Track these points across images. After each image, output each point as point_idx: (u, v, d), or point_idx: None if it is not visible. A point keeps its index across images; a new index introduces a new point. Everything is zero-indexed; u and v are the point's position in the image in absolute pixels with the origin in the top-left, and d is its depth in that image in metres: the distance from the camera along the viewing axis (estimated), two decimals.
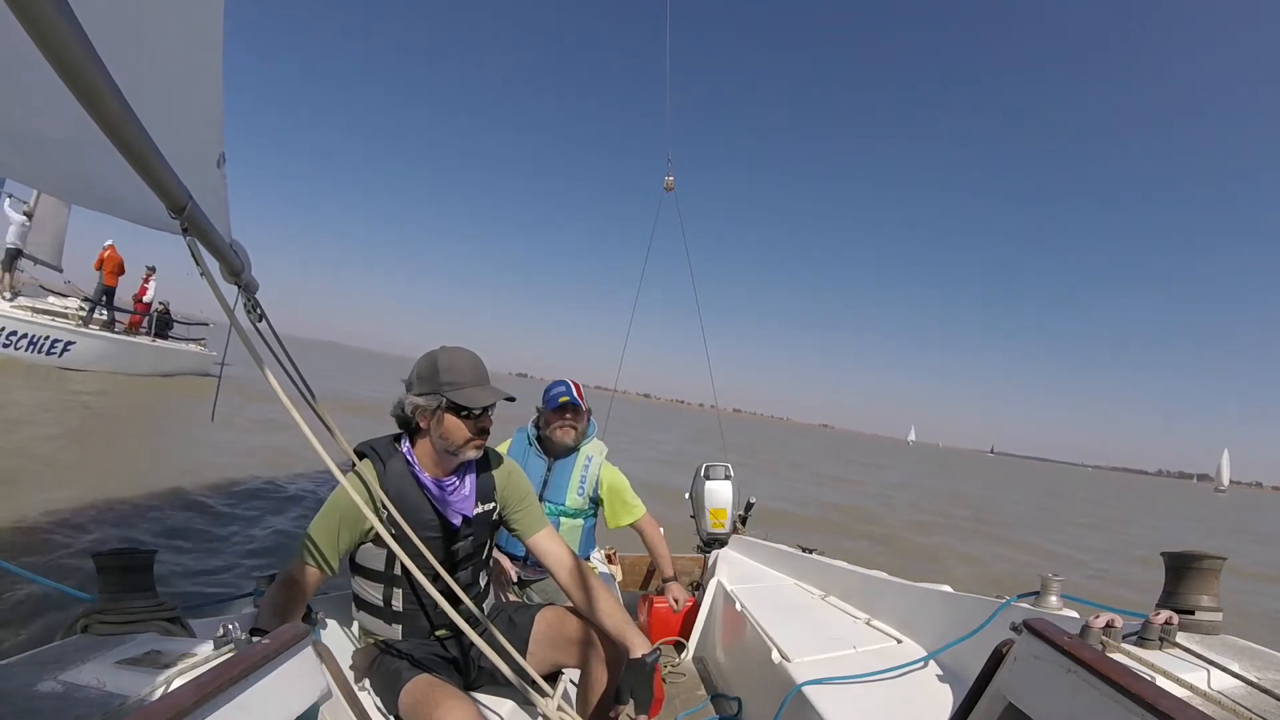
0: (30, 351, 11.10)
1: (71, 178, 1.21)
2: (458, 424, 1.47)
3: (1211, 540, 15.43)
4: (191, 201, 1.04)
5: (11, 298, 11.27)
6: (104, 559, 1.17)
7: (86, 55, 0.63)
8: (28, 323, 11.00)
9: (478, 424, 1.49)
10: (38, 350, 11.18)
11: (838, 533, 8.83)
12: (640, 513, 2.58)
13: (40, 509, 4.52)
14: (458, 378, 1.47)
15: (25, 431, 6.94)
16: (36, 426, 7.27)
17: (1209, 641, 1.19)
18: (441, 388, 1.46)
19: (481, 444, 1.52)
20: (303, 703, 0.98)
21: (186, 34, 1.19)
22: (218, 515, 5.31)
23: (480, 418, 1.49)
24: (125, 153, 0.81)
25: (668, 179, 4.31)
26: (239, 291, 1.42)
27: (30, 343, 11.07)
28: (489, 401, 1.47)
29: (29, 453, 6.12)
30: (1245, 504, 53.87)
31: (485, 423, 1.51)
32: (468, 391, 1.46)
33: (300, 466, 7.38)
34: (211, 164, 1.38)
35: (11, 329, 10.78)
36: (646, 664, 1.40)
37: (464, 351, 1.53)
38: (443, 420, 1.47)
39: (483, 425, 1.50)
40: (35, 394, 9.62)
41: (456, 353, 1.51)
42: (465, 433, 1.47)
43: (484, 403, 1.46)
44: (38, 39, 0.58)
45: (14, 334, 10.80)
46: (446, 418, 1.46)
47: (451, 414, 1.46)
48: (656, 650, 1.45)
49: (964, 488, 19.04)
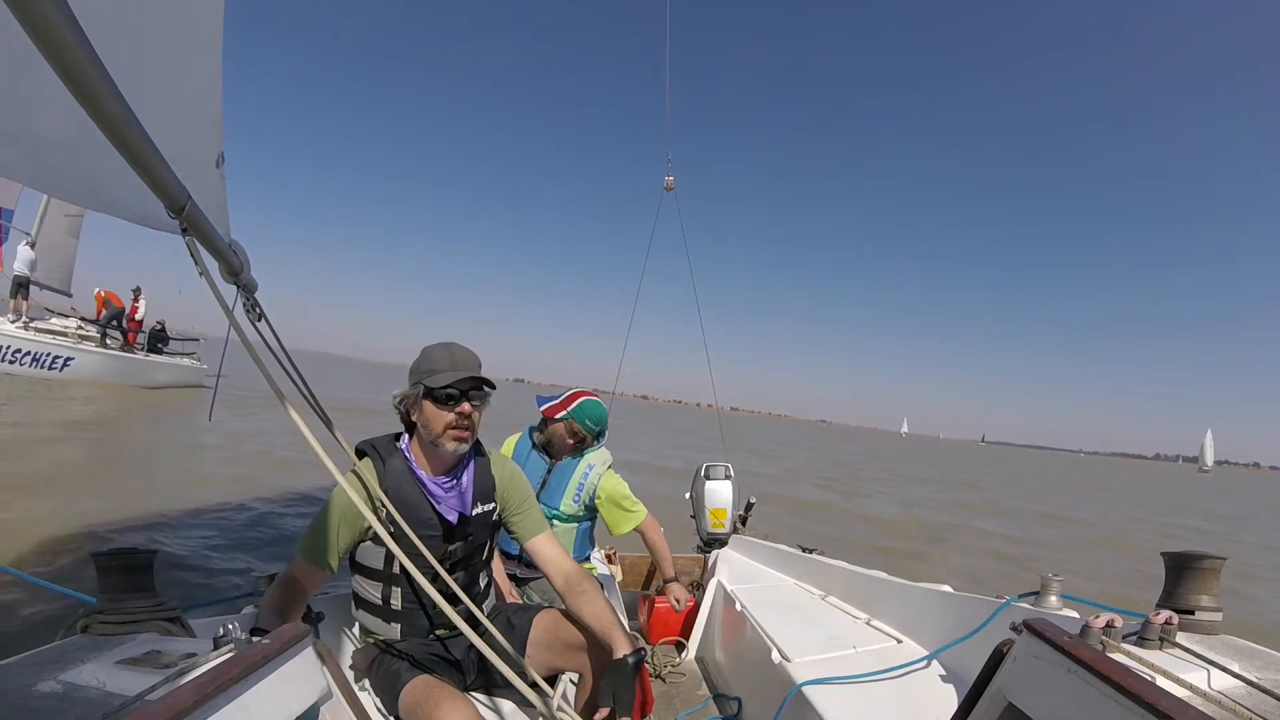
0: (33, 367, 12.18)
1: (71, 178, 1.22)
2: (435, 411, 1.46)
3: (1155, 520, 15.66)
4: (191, 201, 1.04)
5: (25, 325, 12.35)
6: (104, 559, 1.17)
7: (86, 55, 0.63)
8: (31, 340, 12.12)
9: (455, 409, 1.46)
10: (40, 365, 12.24)
11: (838, 533, 8.84)
12: (641, 517, 2.54)
13: (41, 510, 4.53)
14: (435, 365, 1.48)
15: (27, 439, 6.95)
16: (37, 433, 7.28)
17: (1209, 641, 1.19)
18: (421, 376, 1.48)
19: (462, 435, 1.48)
20: (303, 703, 0.98)
21: (186, 34, 1.19)
22: (217, 515, 5.31)
23: (457, 403, 1.46)
24: (125, 153, 0.81)
25: (667, 179, 4.31)
26: (238, 291, 1.42)
27: (34, 359, 12.17)
28: (454, 378, 1.45)
29: (30, 456, 6.13)
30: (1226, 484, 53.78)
31: (464, 409, 1.47)
32: (440, 375, 1.46)
33: (300, 466, 7.38)
34: (210, 164, 1.38)
35: (16, 347, 11.91)
36: (628, 664, 1.37)
37: (450, 344, 1.53)
38: (423, 409, 1.48)
39: (460, 412, 1.46)
40: (37, 404, 9.94)
41: (441, 345, 1.52)
42: (443, 420, 1.46)
43: (445, 381, 1.44)
44: (37, 39, 0.58)
45: (18, 351, 11.97)
46: (425, 405, 1.47)
47: (429, 401, 1.46)
48: (640, 651, 1.42)
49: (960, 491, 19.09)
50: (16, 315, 12.43)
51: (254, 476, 6.82)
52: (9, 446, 6.38)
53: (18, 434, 7.03)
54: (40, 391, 11.24)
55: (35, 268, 13.16)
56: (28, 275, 12.90)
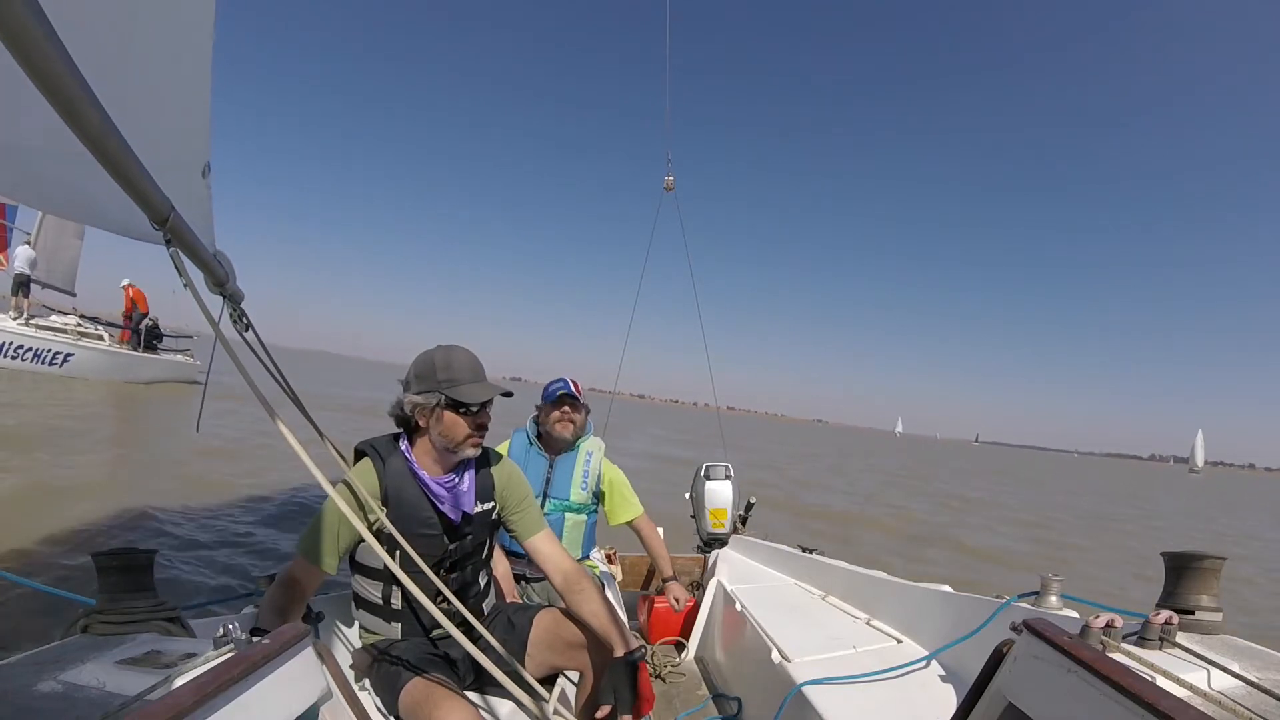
0: (34, 362, 12.53)
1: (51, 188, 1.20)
2: (456, 420, 1.48)
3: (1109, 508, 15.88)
4: (174, 213, 1.02)
5: (25, 320, 12.67)
6: (103, 559, 1.17)
7: (66, 68, 0.62)
8: (32, 337, 12.45)
9: (476, 420, 1.50)
10: (41, 361, 12.60)
11: (840, 532, 8.84)
12: (639, 511, 2.62)
13: (41, 510, 4.52)
14: (456, 375, 1.48)
15: (26, 436, 6.94)
16: (36, 431, 7.28)
17: (1209, 641, 1.19)
18: (440, 385, 1.47)
19: (479, 441, 1.53)
20: (303, 703, 0.98)
21: (175, 41, 1.18)
22: (217, 515, 5.31)
23: (478, 414, 1.50)
24: (106, 166, 0.79)
25: (667, 179, 4.30)
26: (224, 302, 1.41)
27: (35, 355, 12.52)
28: (486, 397, 1.49)
29: (31, 455, 6.13)
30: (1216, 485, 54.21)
31: (483, 419, 1.52)
32: (466, 388, 1.47)
33: (300, 467, 7.36)
34: (197, 174, 1.37)
35: (17, 343, 12.27)
36: (626, 664, 1.39)
37: (461, 349, 1.53)
38: (442, 418, 1.48)
39: (481, 422, 1.51)
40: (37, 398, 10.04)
41: (454, 351, 1.52)
42: (464, 429, 1.49)
43: (481, 398, 1.47)
44: (14, 50, 0.56)
45: (20, 347, 12.31)
46: (445, 415, 1.47)
47: (450, 411, 1.47)
48: (640, 650, 1.43)
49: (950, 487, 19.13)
50: (18, 313, 12.75)
51: (254, 476, 6.82)
52: (4, 444, 6.37)
53: (13, 429, 7.03)
54: (42, 386, 11.47)
55: (36, 266, 13.44)
56: (28, 274, 13.19)
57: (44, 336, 12.63)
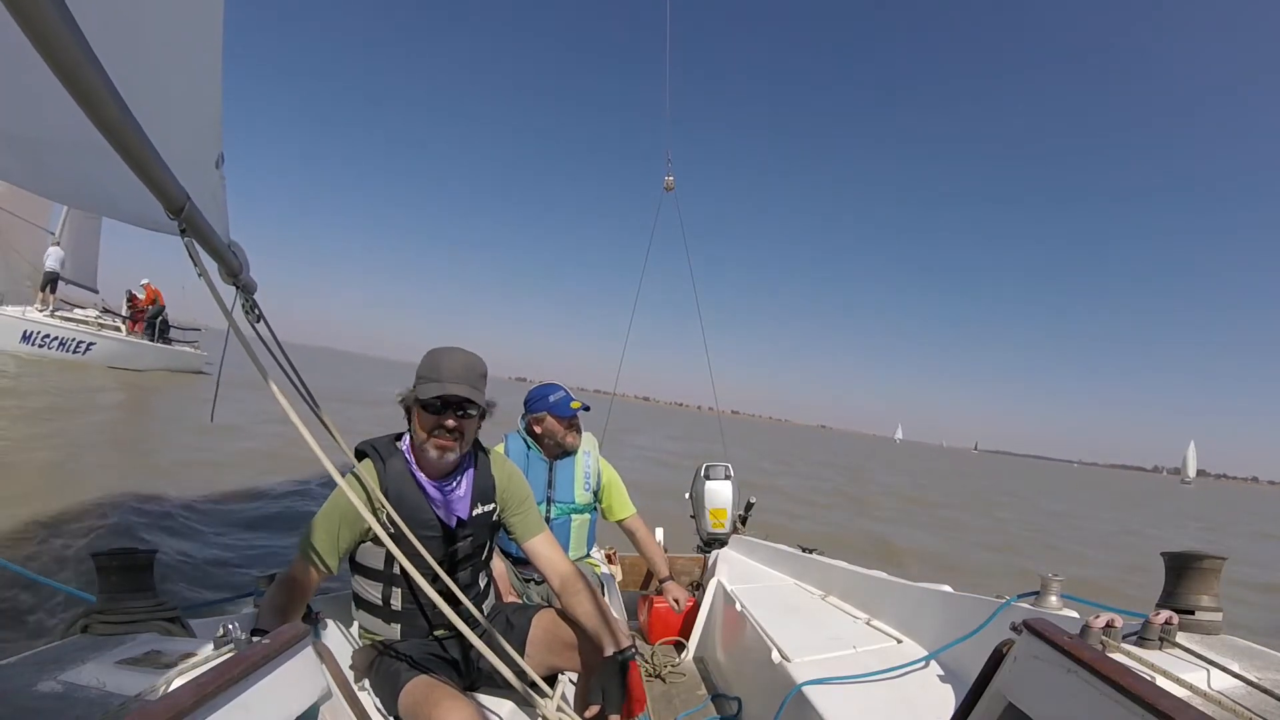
0: (60, 350, 14.07)
1: (68, 180, 1.21)
2: (422, 418, 1.47)
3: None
4: (190, 203, 1.04)
5: (51, 313, 14.10)
6: (104, 559, 1.17)
7: (85, 57, 0.63)
8: (58, 326, 14.01)
9: (438, 420, 1.45)
10: (66, 349, 14.16)
11: (837, 536, 8.83)
12: (631, 510, 2.66)
13: (41, 509, 4.52)
14: (429, 372, 1.47)
15: (30, 430, 6.95)
16: (40, 425, 7.28)
17: (1209, 641, 1.19)
18: (416, 382, 1.48)
19: (444, 445, 1.47)
20: (303, 703, 0.98)
21: (186, 34, 1.19)
22: (218, 515, 5.30)
23: (442, 414, 1.45)
24: (124, 155, 0.81)
25: (667, 179, 4.30)
26: (237, 292, 1.42)
27: (60, 343, 14.06)
28: (435, 394, 1.43)
29: (30, 453, 6.13)
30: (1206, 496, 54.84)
31: (447, 420, 1.45)
32: (427, 385, 1.45)
33: (301, 466, 7.37)
34: (210, 165, 1.38)
35: (45, 332, 13.81)
36: (615, 663, 1.38)
37: (456, 350, 1.52)
38: (415, 413, 1.49)
39: (444, 423, 1.45)
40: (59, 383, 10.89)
41: (443, 350, 1.51)
42: (422, 429, 1.47)
43: (430, 394, 1.43)
44: (36, 40, 0.57)
45: (47, 336, 13.87)
46: (417, 412, 1.48)
47: (420, 408, 1.47)
48: (631, 649, 1.42)
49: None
50: (45, 306, 14.21)
51: (255, 476, 6.81)
52: (3, 438, 6.37)
53: (17, 422, 7.04)
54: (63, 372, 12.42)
55: (65, 264, 14.97)
56: (57, 272, 14.65)
57: (68, 327, 14.17)
